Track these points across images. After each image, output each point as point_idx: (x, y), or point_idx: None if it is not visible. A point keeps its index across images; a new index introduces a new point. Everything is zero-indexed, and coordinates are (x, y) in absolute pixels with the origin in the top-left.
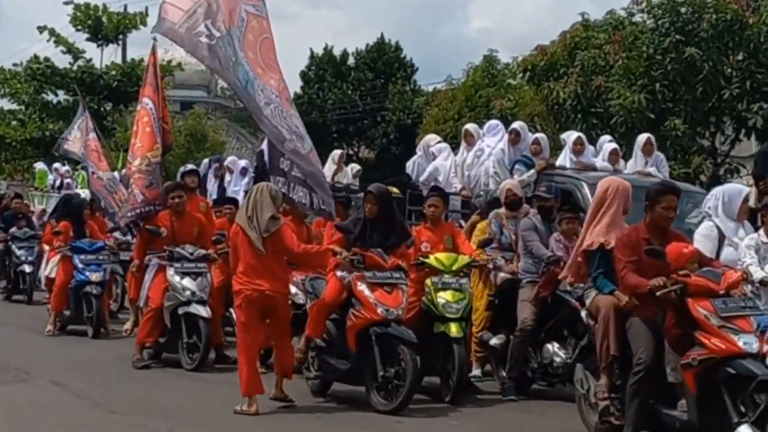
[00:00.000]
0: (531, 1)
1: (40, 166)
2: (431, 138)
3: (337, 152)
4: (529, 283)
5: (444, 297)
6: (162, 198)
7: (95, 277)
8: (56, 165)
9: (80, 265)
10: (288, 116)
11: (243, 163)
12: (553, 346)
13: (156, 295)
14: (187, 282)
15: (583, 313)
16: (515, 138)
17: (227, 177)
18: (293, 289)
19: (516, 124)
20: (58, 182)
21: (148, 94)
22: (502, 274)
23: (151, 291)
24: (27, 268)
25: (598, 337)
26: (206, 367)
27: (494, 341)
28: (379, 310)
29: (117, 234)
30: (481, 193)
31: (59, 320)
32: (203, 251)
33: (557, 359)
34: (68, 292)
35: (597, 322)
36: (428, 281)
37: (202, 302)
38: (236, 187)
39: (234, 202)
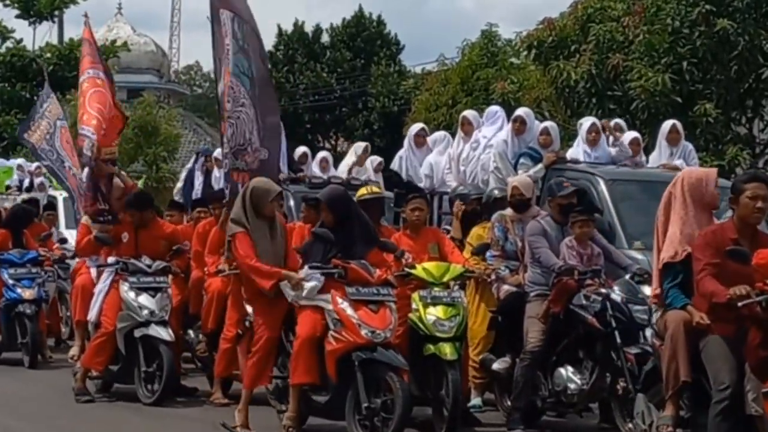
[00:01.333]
0: None
1: (1, 162)
2: (416, 127)
3: (361, 144)
4: (537, 297)
5: (434, 313)
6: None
7: (28, 293)
8: (20, 161)
9: (10, 281)
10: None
11: None
12: (566, 371)
13: (111, 314)
14: (144, 299)
15: (649, 332)
16: (520, 127)
17: (215, 172)
18: None
19: (520, 111)
20: (27, 182)
21: (93, 65)
22: (506, 287)
23: (107, 309)
24: None
25: (665, 359)
26: (165, 400)
27: (497, 365)
28: (363, 332)
29: (67, 245)
30: (463, 189)
31: None
32: (162, 263)
33: (571, 385)
34: None
35: (664, 342)
36: (415, 295)
37: (162, 323)
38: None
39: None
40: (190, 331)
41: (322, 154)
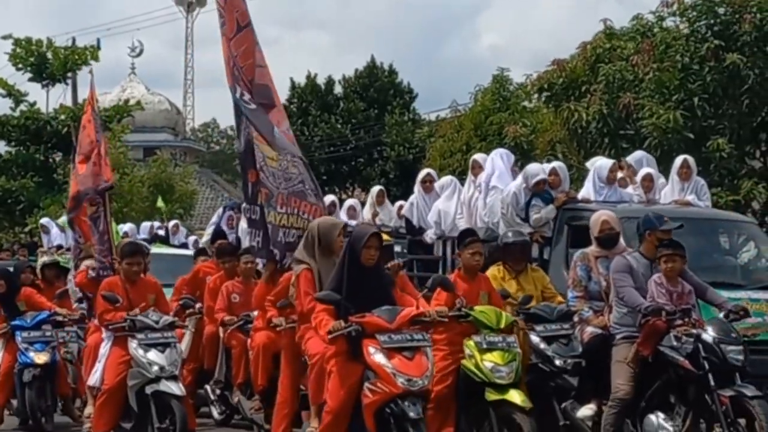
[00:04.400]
0: (549, 12)
1: None
2: (422, 173)
3: (375, 188)
4: (624, 340)
5: (491, 359)
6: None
7: (40, 358)
8: (128, 228)
9: (23, 345)
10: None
11: None
12: (657, 417)
13: (111, 373)
14: (153, 355)
15: None
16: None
17: (242, 223)
18: None
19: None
20: None
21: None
22: (590, 329)
23: (106, 368)
24: None
25: None
26: None
27: (583, 412)
28: (399, 381)
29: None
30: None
31: (10, 412)
32: (170, 318)
33: None
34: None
35: None
36: (470, 342)
37: (173, 378)
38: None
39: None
40: (207, 387)
41: (350, 202)
